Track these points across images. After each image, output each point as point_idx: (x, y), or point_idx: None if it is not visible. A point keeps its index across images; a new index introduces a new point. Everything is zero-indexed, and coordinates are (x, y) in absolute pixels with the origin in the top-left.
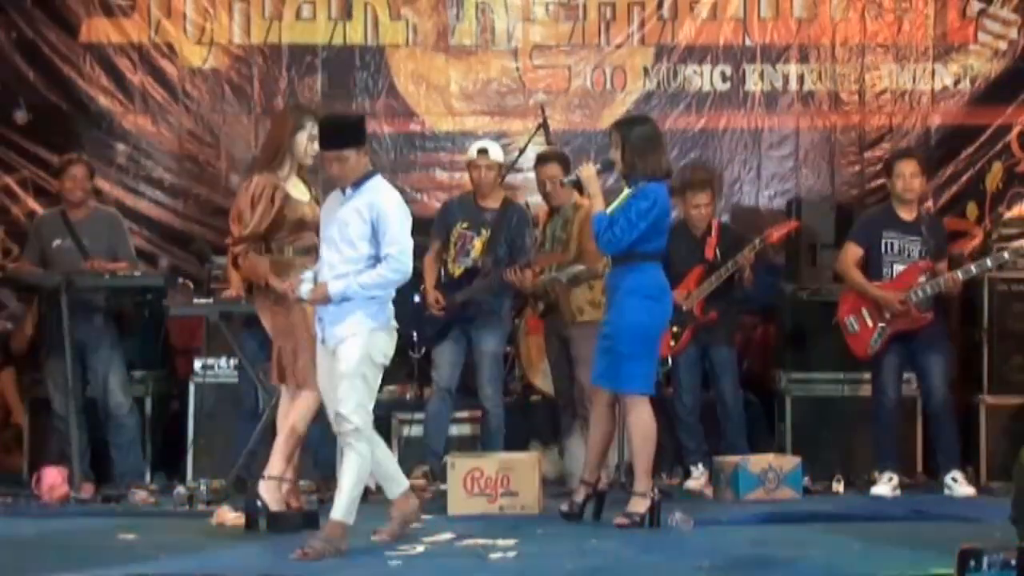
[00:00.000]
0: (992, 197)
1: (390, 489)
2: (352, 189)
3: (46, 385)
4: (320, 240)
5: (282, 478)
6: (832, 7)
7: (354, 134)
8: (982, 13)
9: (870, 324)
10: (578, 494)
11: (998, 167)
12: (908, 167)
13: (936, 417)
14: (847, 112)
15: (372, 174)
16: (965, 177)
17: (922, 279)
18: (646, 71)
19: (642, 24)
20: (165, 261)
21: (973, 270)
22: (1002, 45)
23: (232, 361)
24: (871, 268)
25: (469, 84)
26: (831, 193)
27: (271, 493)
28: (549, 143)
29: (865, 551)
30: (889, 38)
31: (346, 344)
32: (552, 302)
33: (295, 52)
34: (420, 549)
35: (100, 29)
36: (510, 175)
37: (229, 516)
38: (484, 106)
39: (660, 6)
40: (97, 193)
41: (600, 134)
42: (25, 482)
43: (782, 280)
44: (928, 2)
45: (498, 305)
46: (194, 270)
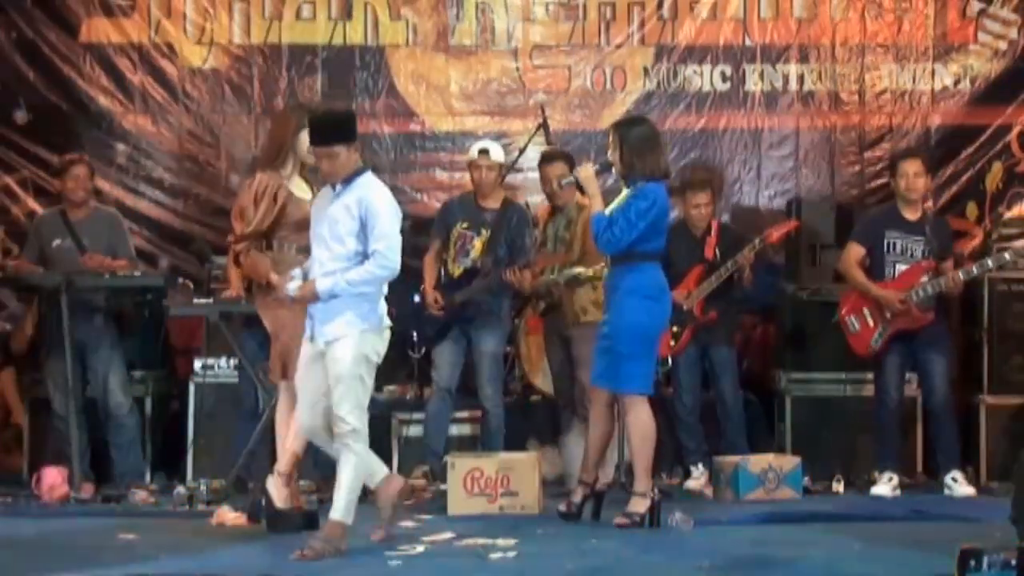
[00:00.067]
0: (992, 197)
1: (371, 480)
2: (342, 185)
3: (46, 385)
4: (311, 237)
5: (288, 475)
6: (832, 7)
7: (344, 130)
8: (982, 13)
9: (871, 323)
10: (576, 494)
11: (998, 167)
12: (912, 167)
13: (937, 417)
14: (847, 112)
15: (362, 170)
16: (965, 177)
17: (924, 279)
18: (646, 71)
19: (642, 24)
20: (165, 261)
21: (974, 270)
22: (1002, 45)
23: (232, 361)
24: (874, 267)
25: (469, 84)
26: (831, 193)
27: (279, 490)
28: (549, 143)
29: (865, 551)
30: (889, 38)
31: (339, 345)
32: (554, 302)
33: (295, 52)
34: (420, 549)
35: (100, 29)
36: (510, 175)
37: (229, 516)
38: (484, 106)
39: (660, 6)
40: (97, 193)
41: (600, 134)
42: (25, 482)
43: (782, 280)
44: (928, 2)
45: (498, 305)
46: (194, 270)
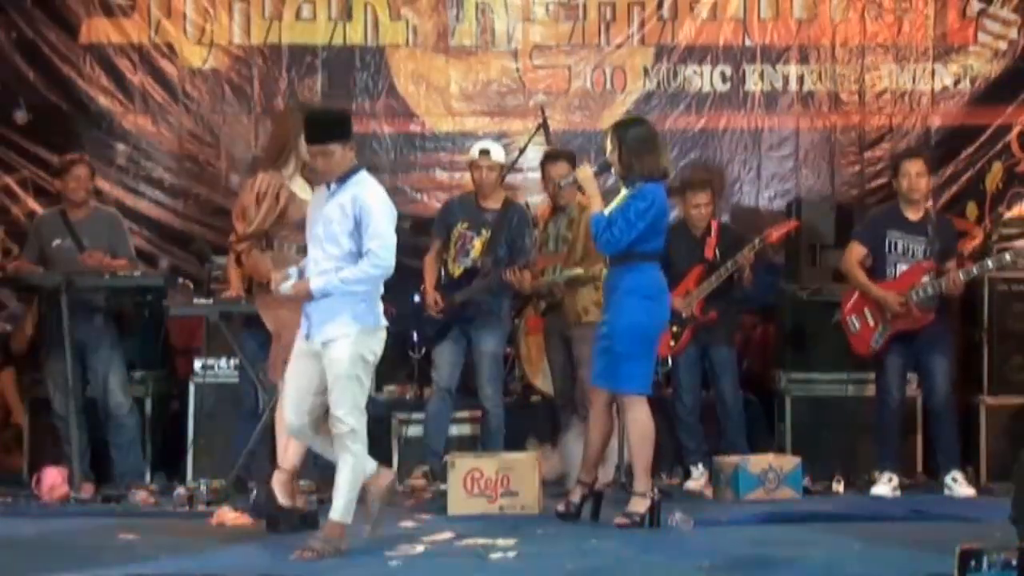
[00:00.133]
0: (992, 197)
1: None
2: (337, 184)
3: (46, 385)
4: (307, 237)
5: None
6: (832, 7)
7: (340, 128)
8: (982, 13)
9: (872, 323)
10: (574, 494)
11: (998, 167)
12: (914, 167)
13: (938, 417)
14: (847, 112)
15: (357, 169)
16: (965, 177)
17: (925, 279)
18: (646, 71)
19: (642, 24)
20: (165, 261)
21: (974, 271)
22: (1002, 45)
23: (232, 361)
24: (875, 267)
25: (469, 84)
26: (831, 193)
27: (283, 487)
28: (549, 143)
29: (865, 551)
30: (889, 38)
31: (336, 346)
32: (556, 302)
33: (295, 52)
34: (420, 549)
35: (100, 29)
36: (510, 175)
37: (229, 516)
38: (484, 106)
39: (660, 6)
40: (97, 193)
41: (600, 134)
42: (25, 482)
43: (782, 280)
44: (928, 2)
45: (498, 305)
46: (194, 270)
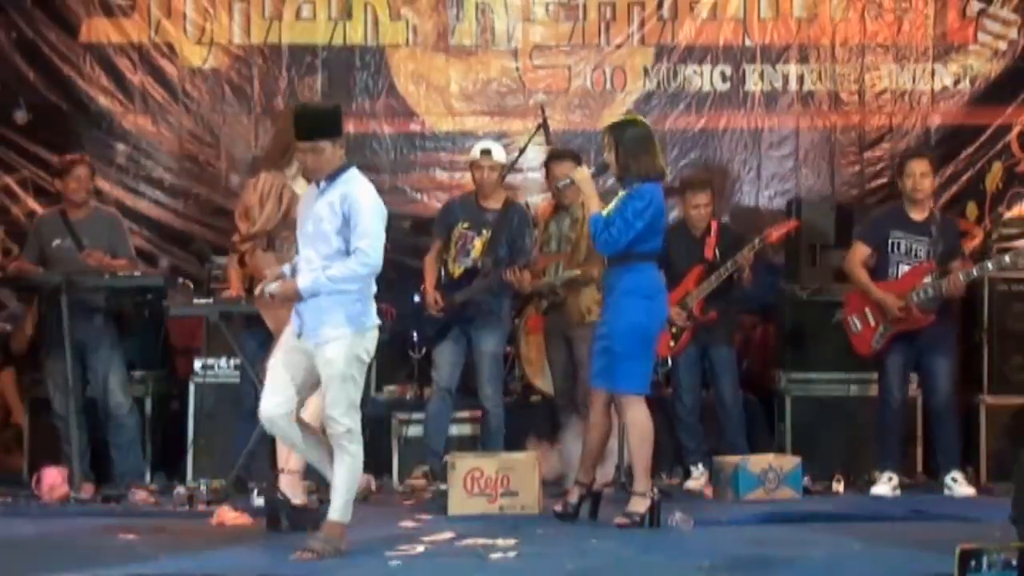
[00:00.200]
0: (992, 197)
1: (327, 474)
2: (326, 182)
3: (46, 385)
4: (298, 236)
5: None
6: (832, 7)
7: (330, 125)
8: (982, 13)
9: (873, 323)
10: (572, 495)
11: (998, 167)
12: (919, 167)
13: (939, 416)
14: (847, 112)
15: (347, 166)
16: (965, 177)
17: (927, 280)
18: (646, 71)
19: (642, 24)
20: (165, 261)
21: (974, 273)
22: (1002, 45)
23: (232, 361)
24: (878, 267)
25: (469, 84)
26: (831, 193)
27: (293, 487)
28: (549, 143)
29: (865, 551)
30: (889, 38)
31: (331, 346)
32: (557, 301)
33: (295, 52)
34: (420, 549)
35: (100, 29)
36: (510, 175)
37: (229, 516)
38: (484, 106)
39: (660, 6)
40: (97, 193)
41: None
42: (25, 482)
43: (782, 280)
44: (928, 2)
45: (498, 305)
46: (194, 270)
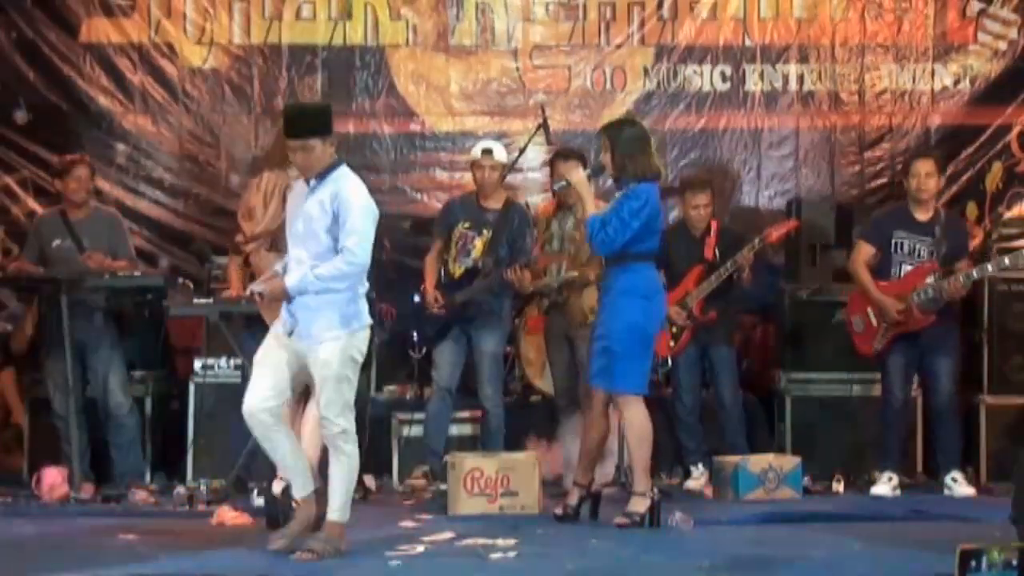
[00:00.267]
0: (992, 197)
1: (297, 485)
2: (316, 180)
3: (46, 385)
4: (288, 235)
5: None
6: (832, 7)
7: (320, 123)
8: (982, 13)
9: (874, 323)
10: (571, 496)
11: (998, 167)
12: (924, 167)
13: (940, 416)
14: (847, 112)
15: (338, 164)
16: (965, 177)
17: (928, 280)
18: (646, 71)
19: (642, 24)
20: (165, 261)
21: (974, 275)
22: (1002, 45)
23: (232, 361)
24: (881, 267)
25: (469, 84)
26: (831, 193)
27: None
28: (549, 143)
29: (865, 551)
30: (889, 38)
31: (325, 347)
32: (560, 301)
33: (295, 52)
34: (420, 549)
35: (100, 29)
36: (510, 175)
37: (229, 516)
38: (484, 106)
39: (660, 6)
40: (97, 193)
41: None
42: (25, 482)
43: (782, 280)
44: (928, 2)
45: (498, 305)
46: (194, 270)
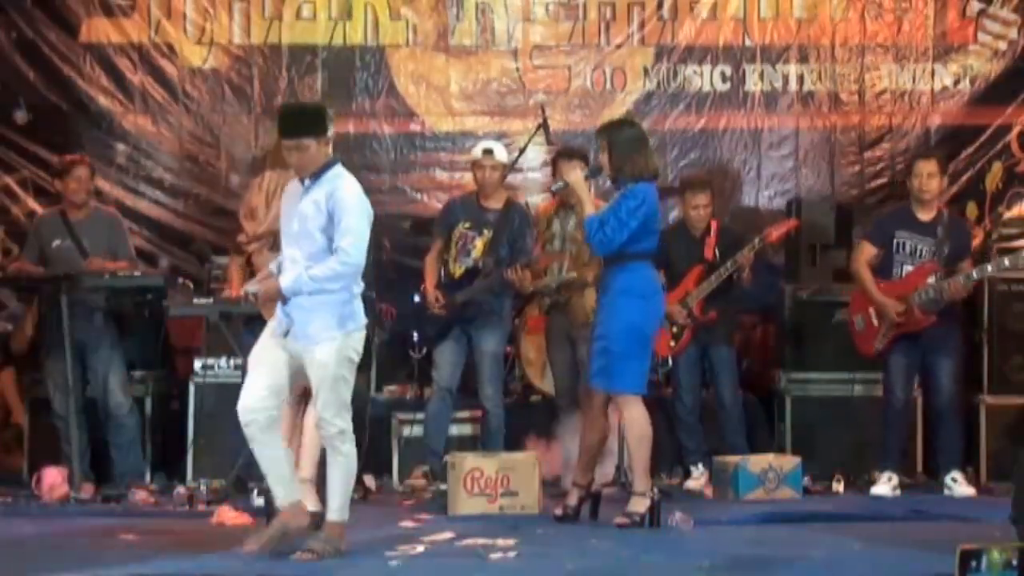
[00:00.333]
0: (992, 197)
1: (279, 493)
2: (311, 180)
3: (46, 385)
4: (282, 234)
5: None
6: (832, 7)
7: (315, 123)
8: (982, 13)
9: (875, 323)
10: (571, 497)
11: (998, 167)
12: (926, 167)
13: (941, 417)
14: (847, 112)
15: (333, 163)
16: (965, 177)
17: (930, 280)
18: (646, 71)
19: (642, 24)
20: (165, 261)
21: (975, 275)
22: (1002, 45)
23: (232, 361)
24: (883, 267)
25: (469, 84)
26: (831, 193)
27: (308, 494)
28: (550, 143)
29: (865, 551)
30: (889, 38)
31: (322, 348)
32: (561, 301)
33: (295, 52)
34: (420, 549)
35: (100, 29)
36: (510, 175)
37: (229, 516)
38: (484, 106)
39: (660, 6)
40: (97, 193)
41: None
42: (25, 482)
43: (782, 280)
44: (928, 2)
45: (498, 305)
46: (194, 270)
